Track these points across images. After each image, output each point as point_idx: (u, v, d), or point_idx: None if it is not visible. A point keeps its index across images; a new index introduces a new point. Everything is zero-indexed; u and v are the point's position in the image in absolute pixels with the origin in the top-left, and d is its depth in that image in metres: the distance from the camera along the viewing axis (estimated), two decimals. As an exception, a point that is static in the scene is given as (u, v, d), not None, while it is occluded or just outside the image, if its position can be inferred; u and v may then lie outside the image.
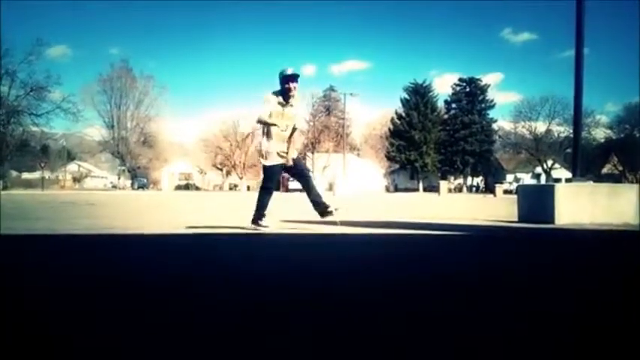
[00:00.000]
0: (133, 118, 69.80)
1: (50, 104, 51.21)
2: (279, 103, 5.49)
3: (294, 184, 69.50)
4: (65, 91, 61.60)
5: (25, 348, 1.50)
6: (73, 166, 74.82)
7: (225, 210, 12.25)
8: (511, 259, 3.77)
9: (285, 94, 5.48)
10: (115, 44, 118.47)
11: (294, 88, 5.44)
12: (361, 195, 31.37)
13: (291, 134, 5.68)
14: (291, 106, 5.56)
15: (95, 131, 69.17)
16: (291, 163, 5.63)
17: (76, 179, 72.84)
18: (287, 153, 5.59)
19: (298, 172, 5.88)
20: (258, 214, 5.72)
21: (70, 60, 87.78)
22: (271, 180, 5.78)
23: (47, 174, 60.63)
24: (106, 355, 1.44)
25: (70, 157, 73.33)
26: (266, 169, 5.70)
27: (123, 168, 68.82)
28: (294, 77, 5.42)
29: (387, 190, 63.34)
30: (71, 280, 2.67)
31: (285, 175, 6.37)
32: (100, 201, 17.26)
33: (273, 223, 6.08)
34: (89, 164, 79.54)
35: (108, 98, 68.49)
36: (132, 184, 66.77)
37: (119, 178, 69.12)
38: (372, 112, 74.93)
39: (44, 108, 51.02)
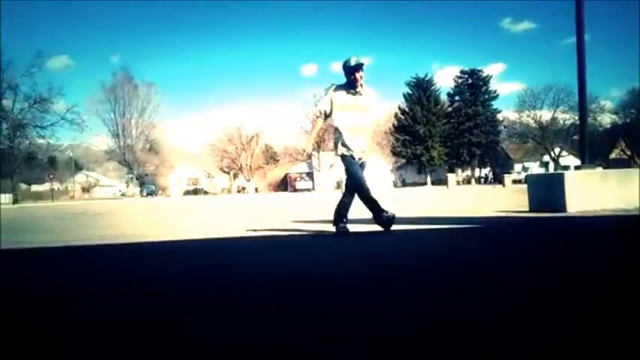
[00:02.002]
0: (138, 126, 70.16)
1: (54, 116, 51.70)
2: (349, 93, 5.22)
3: (302, 184, 68.96)
4: (68, 101, 62.19)
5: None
6: (81, 176, 75.17)
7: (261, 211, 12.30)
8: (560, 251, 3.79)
9: (352, 85, 5.21)
10: (114, 51, 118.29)
11: (361, 77, 5.15)
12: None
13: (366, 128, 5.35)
14: (361, 95, 5.23)
15: (101, 140, 69.71)
16: (365, 159, 5.28)
17: (85, 189, 73.21)
18: (364, 150, 5.27)
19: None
20: (340, 216, 5.35)
21: (71, 70, 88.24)
22: (356, 172, 5.23)
23: (56, 185, 61.01)
24: None
25: (78, 167, 73.76)
26: (344, 160, 5.25)
27: (131, 176, 69.14)
28: (359, 67, 5.12)
29: (395, 185, 63.23)
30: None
31: (292, 174, 6.16)
32: (118, 209, 17.35)
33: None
34: (97, 173, 79.89)
35: (112, 107, 68.96)
36: (140, 192, 67.00)
37: (127, 186, 69.40)
38: (376, 108, 74.45)
39: (49, 120, 51.49)
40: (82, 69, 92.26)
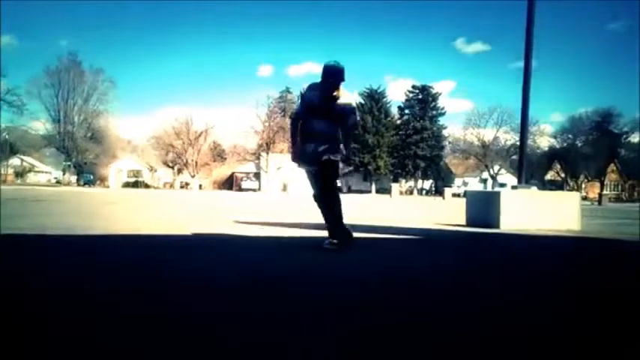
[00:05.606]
0: (81, 113, 67.25)
1: (-7, 96, 49.04)
2: (319, 96, 4.58)
3: (247, 183, 67.81)
4: (10, 83, 58.53)
5: None
6: (15, 161, 71.44)
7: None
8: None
9: (325, 87, 4.54)
10: (64, 36, 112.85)
11: (338, 83, 4.54)
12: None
13: (343, 131, 4.66)
14: (334, 99, 4.53)
15: (40, 125, 66.50)
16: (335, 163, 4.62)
17: (19, 174, 69.62)
18: (320, 157, 4.55)
19: (321, 177, 4.71)
20: (328, 229, 4.80)
21: (15, 51, 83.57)
22: (311, 184, 4.86)
23: (-13, 168, 57.85)
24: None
25: (13, 150, 69.97)
26: (305, 171, 4.87)
27: (68, 163, 66.23)
28: (338, 73, 4.51)
29: (341, 191, 63.52)
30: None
31: (239, 174, 5.70)
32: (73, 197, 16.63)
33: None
34: (33, 159, 76.15)
35: (55, 92, 65.70)
36: (77, 180, 64.31)
37: (64, 174, 66.49)
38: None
39: (-15, 100, 48.79)
40: (27, 50, 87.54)
